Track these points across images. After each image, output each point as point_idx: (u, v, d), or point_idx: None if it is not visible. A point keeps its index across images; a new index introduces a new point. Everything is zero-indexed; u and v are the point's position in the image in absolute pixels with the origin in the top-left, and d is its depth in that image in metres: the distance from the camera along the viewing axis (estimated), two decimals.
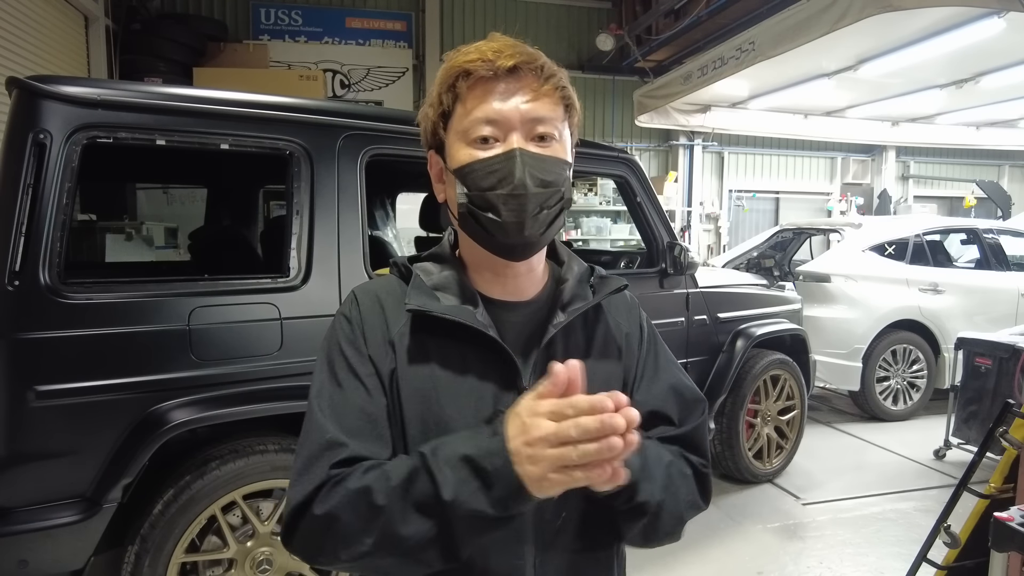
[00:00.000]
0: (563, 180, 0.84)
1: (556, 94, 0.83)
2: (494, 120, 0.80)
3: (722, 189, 9.85)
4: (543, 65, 0.82)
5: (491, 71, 0.80)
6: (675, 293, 3.30)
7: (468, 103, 0.81)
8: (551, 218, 0.84)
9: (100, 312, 1.89)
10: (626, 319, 0.97)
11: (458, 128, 0.83)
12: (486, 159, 0.81)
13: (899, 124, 8.69)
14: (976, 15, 4.63)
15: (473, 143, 0.81)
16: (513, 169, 0.79)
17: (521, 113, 0.80)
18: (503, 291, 0.89)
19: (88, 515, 1.87)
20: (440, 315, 0.83)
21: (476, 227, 0.83)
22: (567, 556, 0.86)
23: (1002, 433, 2.13)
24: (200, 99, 2.09)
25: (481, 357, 0.84)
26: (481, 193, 0.81)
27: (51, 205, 1.81)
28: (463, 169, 0.82)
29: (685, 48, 7.43)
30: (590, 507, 0.87)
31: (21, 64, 4.48)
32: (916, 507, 3.65)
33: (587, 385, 0.88)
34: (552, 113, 0.82)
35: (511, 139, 0.81)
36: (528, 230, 0.81)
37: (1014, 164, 11.21)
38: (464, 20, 8.44)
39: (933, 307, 5.28)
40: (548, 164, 0.82)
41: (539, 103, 0.81)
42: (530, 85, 0.81)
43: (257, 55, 6.99)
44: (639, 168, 3.20)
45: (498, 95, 0.80)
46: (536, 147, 0.82)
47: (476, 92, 0.81)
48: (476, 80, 0.80)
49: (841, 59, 6.00)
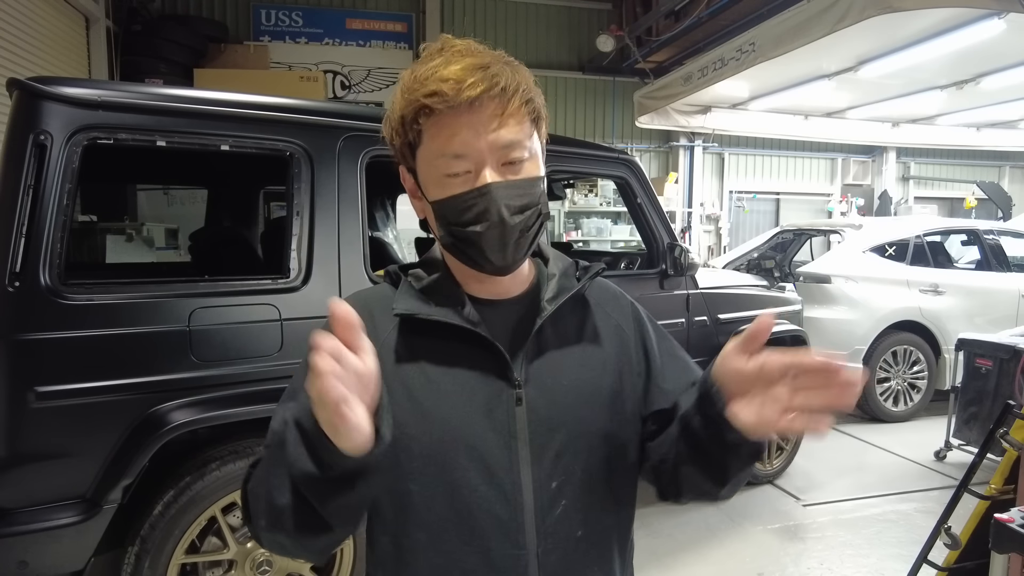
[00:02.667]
0: (538, 196, 0.84)
1: (522, 111, 0.81)
2: (462, 155, 0.79)
3: (722, 190, 9.85)
4: (504, 88, 0.78)
5: (452, 104, 0.77)
6: (675, 294, 3.30)
7: (433, 140, 0.80)
8: (531, 238, 0.85)
9: (100, 313, 1.90)
10: (615, 312, 0.98)
11: (428, 160, 0.82)
12: (460, 195, 0.81)
13: (899, 125, 8.69)
14: (976, 16, 4.64)
15: (446, 177, 0.81)
16: (488, 206, 0.80)
17: (489, 143, 0.79)
18: (490, 291, 0.91)
19: (88, 516, 1.88)
20: (426, 317, 0.85)
21: (459, 253, 0.85)
22: (571, 544, 0.87)
23: (1003, 434, 2.13)
24: (201, 100, 2.09)
25: (470, 354, 0.86)
26: (461, 228, 0.82)
27: (51, 206, 1.81)
28: (439, 204, 0.83)
29: (685, 49, 7.43)
30: (589, 494, 0.88)
31: (22, 65, 4.49)
32: (917, 508, 3.64)
33: (578, 371, 0.90)
34: (520, 134, 0.81)
35: (484, 173, 0.80)
36: (508, 256, 0.83)
37: (1014, 165, 11.21)
38: (464, 21, 8.44)
39: (934, 308, 5.28)
40: (522, 188, 0.82)
41: (506, 128, 0.79)
42: (494, 112, 0.79)
43: (258, 56, 7.00)
44: (639, 169, 3.20)
45: (462, 129, 0.78)
46: (509, 173, 0.81)
47: (440, 128, 0.79)
48: (438, 117, 0.78)
49: (841, 60, 6.00)
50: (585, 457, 0.88)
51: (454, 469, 0.83)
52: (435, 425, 0.83)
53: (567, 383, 0.89)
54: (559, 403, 0.88)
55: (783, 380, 0.68)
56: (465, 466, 0.83)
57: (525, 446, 0.85)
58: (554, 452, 0.86)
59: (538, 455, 0.85)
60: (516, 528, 0.84)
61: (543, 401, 0.87)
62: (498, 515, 0.83)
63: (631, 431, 0.93)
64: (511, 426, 0.85)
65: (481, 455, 0.84)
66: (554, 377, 0.88)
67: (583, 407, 0.89)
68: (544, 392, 0.87)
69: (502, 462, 0.84)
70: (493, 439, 0.84)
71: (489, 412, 0.85)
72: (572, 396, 0.89)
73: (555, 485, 0.86)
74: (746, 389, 0.72)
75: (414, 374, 0.85)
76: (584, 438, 0.88)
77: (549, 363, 0.89)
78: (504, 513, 0.84)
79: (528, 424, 0.85)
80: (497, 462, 0.84)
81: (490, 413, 0.85)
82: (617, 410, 0.91)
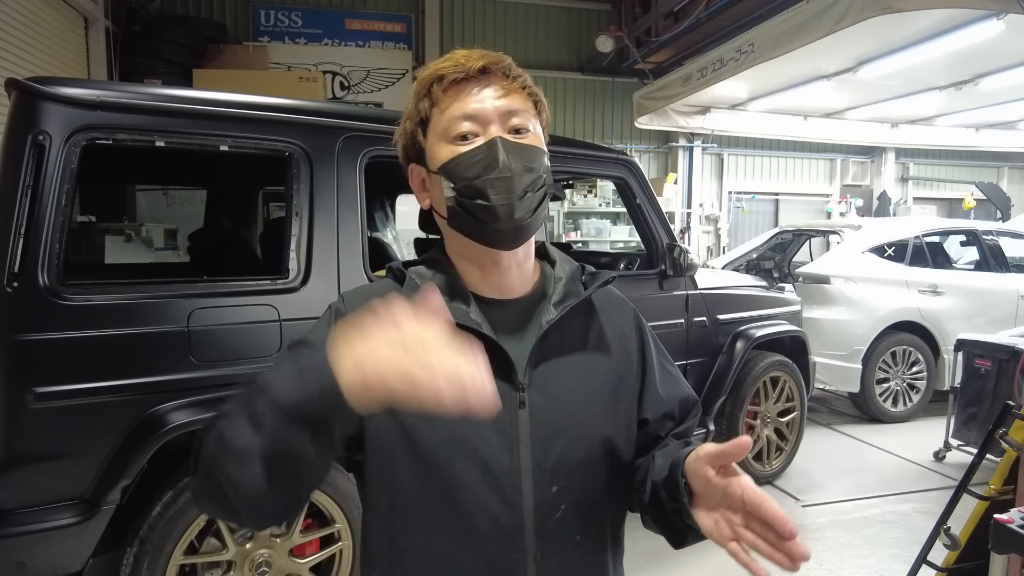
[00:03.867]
0: (543, 167, 0.88)
1: (524, 92, 0.88)
2: (472, 115, 0.84)
3: (721, 191, 9.85)
4: (509, 66, 0.87)
5: (463, 72, 0.85)
6: (675, 295, 3.30)
7: (444, 104, 0.86)
8: (537, 201, 0.87)
9: (99, 314, 1.89)
10: (619, 318, 0.99)
11: (437, 130, 0.87)
12: (469, 151, 0.84)
13: (898, 126, 8.70)
14: (975, 17, 4.64)
15: (454, 140, 0.85)
16: (496, 155, 0.83)
17: (496, 108, 0.85)
18: (494, 289, 0.90)
19: (87, 517, 1.87)
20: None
21: (466, 218, 0.85)
22: (568, 548, 0.87)
23: (1002, 435, 2.13)
24: (200, 101, 2.09)
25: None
26: (468, 182, 0.84)
27: (50, 206, 1.81)
28: (447, 165, 0.85)
29: (685, 50, 7.43)
30: (587, 499, 0.88)
31: (20, 65, 4.48)
32: (916, 509, 3.65)
33: (582, 376, 0.91)
34: (524, 106, 0.87)
35: (490, 130, 0.85)
36: (517, 212, 0.84)
37: (1013, 166, 11.22)
38: (464, 22, 8.45)
39: (933, 309, 5.28)
40: (527, 151, 0.86)
41: (510, 98, 0.86)
42: (500, 83, 0.86)
43: (257, 57, 6.99)
44: (639, 170, 3.20)
45: (472, 94, 0.85)
46: (513, 138, 0.86)
47: (450, 93, 0.85)
48: (449, 83, 0.85)
49: (840, 61, 6.00)
50: (585, 462, 0.88)
51: (454, 470, 0.83)
52: (437, 425, 0.82)
53: (570, 388, 0.89)
54: (562, 408, 0.88)
55: (742, 510, 0.72)
56: (466, 467, 0.83)
57: (527, 450, 0.85)
58: (555, 457, 0.86)
59: (539, 459, 0.85)
60: (515, 532, 0.84)
61: (546, 405, 0.87)
62: (497, 518, 0.83)
63: (629, 439, 0.94)
64: (513, 429, 0.85)
65: (482, 457, 0.83)
66: (558, 382, 0.88)
67: (585, 413, 0.89)
68: (547, 397, 0.87)
69: (503, 465, 0.84)
70: (495, 442, 0.84)
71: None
72: (575, 402, 0.89)
73: (555, 490, 0.86)
74: (710, 498, 0.75)
75: None
76: (585, 444, 0.88)
77: (553, 368, 0.89)
78: (503, 516, 0.83)
79: (530, 428, 0.85)
80: (498, 465, 0.84)
81: (494, 416, 0.84)
82: (617, 418, 0.92)
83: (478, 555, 0.83)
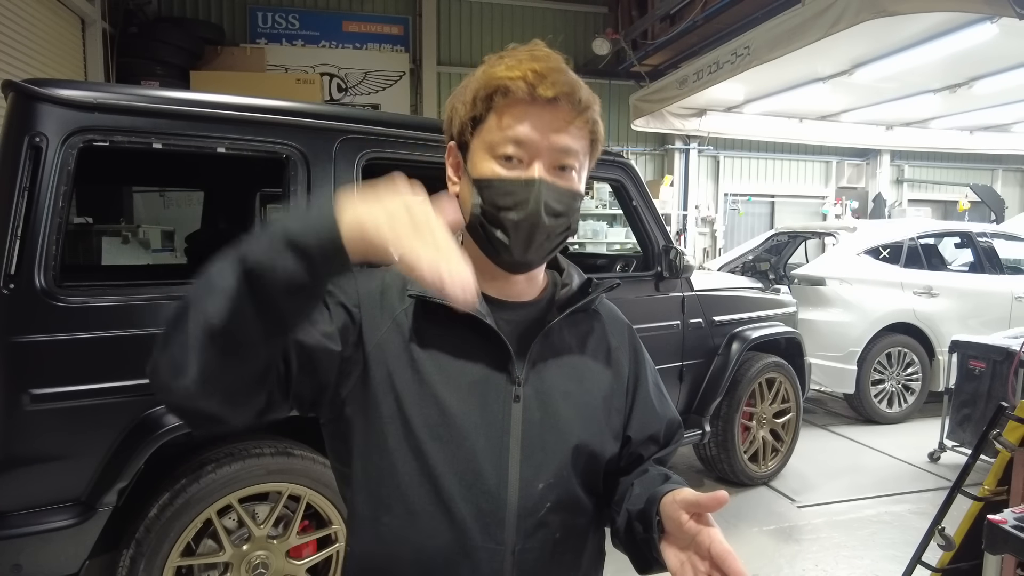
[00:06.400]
0: (573, 211, 0.87)
1: (586, 127, 0.85)
2: (523, 142, 0.82)
3: (717, 193, 9.88)
4: (580, 99, 0.83)
5: (530, 96, 0.81)
6: (671, 296, 3.30)
7: (501, 119, 0.83)
8: (554, 245, 0.87)
9: (96, 315, 1.89)
10: (617, 335, 1.01)
11: (486, 138, 0.84)
12: (507, 179, 0.83)
13: (893, 128, 8.74)
14: (969, 20, 4.67)
15: (498, 158, 0.83)
16: (529, 197, 0.82)
17: (550, 142, 0.82)
18: (502, 292, 0.92)
19: (83, 519, 1.87)
20: (440, 300, 0.84)
21: (482, 238, 0.86)
22: (548, 547, 0.88)
23: (996, 436, 2.14)
24: (197, 103, 2.09)
25: (477, 344, 0.87)
26: (495, 210, 0.83)
27: (47, 208, 1.81)
28: (482, 182, 0.84)
29: (681, 52, 7.45)
30: (571, 500, 0.89)
31: (17, 67, 4.48)
32: (911, 510, 3.66)
33: (578, 381, 0.92)
34: (578, 145, 0.85)
35: (534, 166, 0.83)
36: (531, 255, 0.85)
37: (1007, 168, 11.28)
38: (461, 24, 8.46)
39: (927, 310, 5.30)
40: (563, 195, 0.84)
41: (568, 133, 0.83)
42: (564, 116, 0.83)
43: (254, 59, 6.99)
44: (635, 172, 3.21)
45: (531, 120, 0.82)
46: (556, 177, 0.84)
47: (511, 111, 0.82)
48: (513, 100, 0.82)
49: (836, 63, 6.03)
50: (572, 464, 0.89)
51: (444, 454, 0.84)
52: (433, 407, 0.84)
53: (565, 390, 0.91)
54: (555, 407, 0.89)
55: (709, 560, 0.73)
56: (455, 454, 0.84)
57: (516, 444, 0.86)
58: (544, 455, 0.87)
59: (528, 455, 0.86)
60: (496, 523, 0.85)
61: (540, 403, 0.88)
62: (480, 507, 0.84)
63: (614, 450, 0.95)
64: (505, 422, 0.86)
65: (472, 445, 0.84)
66: (554, 383, 0.90)
67: (577, 416, 0.91)
68: (542, 394, 0.88)
69: (491, 456, 0.85)
70: (486, 431, 0.85)
71: (486, 405, 0.86)
72: (568, 403, 0.90)
73: (541, 487, 0.87)
74: (681, 539, 0.76)
75: (421, 353, 0.86)
76: (574, 446, 0.90)
77: (551, 368, 0.90)
78: (486, 506, 0.84)
79: (522, 423, 0.87)
80: (486, 455, 0.85)
81: (487, 406, 0.86)
82: (606, 427, 0.94)
83: (458, 540, 0.84)
